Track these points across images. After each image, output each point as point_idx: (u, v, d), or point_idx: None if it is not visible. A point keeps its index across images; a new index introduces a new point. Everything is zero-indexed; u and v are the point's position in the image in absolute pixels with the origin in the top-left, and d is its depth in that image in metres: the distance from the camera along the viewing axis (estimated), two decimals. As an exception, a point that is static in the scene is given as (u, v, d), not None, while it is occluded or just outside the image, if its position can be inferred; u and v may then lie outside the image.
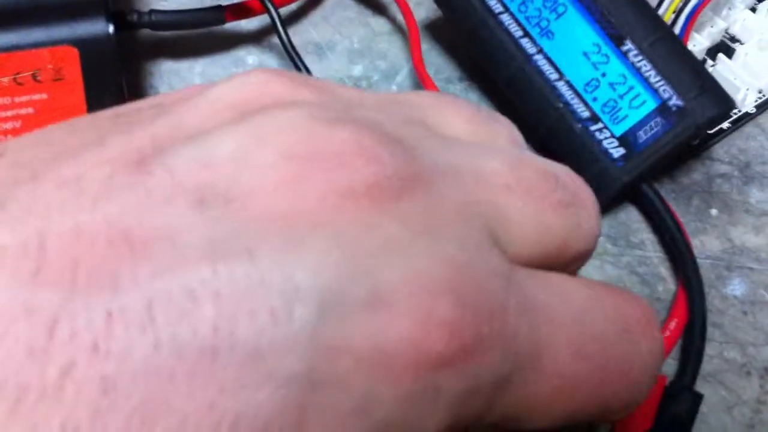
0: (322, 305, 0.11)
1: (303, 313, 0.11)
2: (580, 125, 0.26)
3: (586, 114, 0.26)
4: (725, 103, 0.26)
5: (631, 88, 0.25)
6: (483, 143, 0.16)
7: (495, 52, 0.27)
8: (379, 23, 0.32)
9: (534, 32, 0.27)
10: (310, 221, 0.12)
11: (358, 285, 0.11)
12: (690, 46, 0.30)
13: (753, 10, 0.31)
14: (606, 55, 0.26)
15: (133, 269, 0.10)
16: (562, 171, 0.16)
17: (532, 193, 0.15)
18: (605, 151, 0.25)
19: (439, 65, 0.31)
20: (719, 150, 0.29)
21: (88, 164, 0.11)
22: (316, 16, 0.32)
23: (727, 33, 0.31)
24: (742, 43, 0.31)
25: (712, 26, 0.31)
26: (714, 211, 0.28)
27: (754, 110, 0.30)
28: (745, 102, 0.30)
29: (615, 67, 0.26)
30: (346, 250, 0.11)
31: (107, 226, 0.11)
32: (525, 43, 0.27)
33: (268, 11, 0.28)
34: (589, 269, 0.26)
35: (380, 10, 0.32)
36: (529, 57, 0.27)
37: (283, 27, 0.28)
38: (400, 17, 0.31)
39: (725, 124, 0.29)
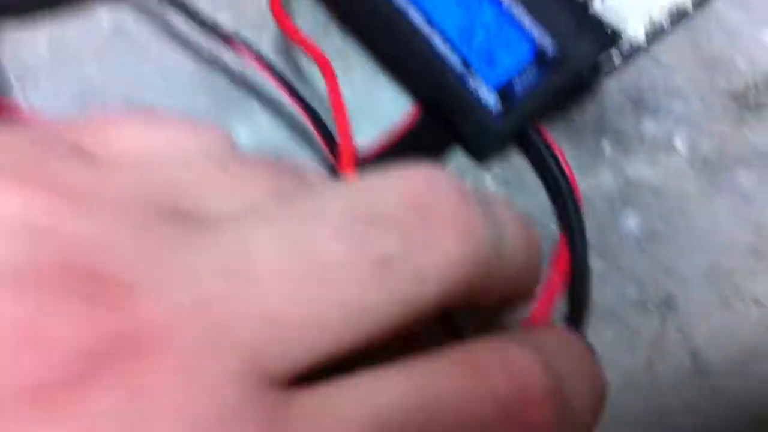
0: None
1: None
2: (454, 78, 0.25)
3: (460, 67, 0.25)
4: (605, 42, 0.25)
5: (506, 34, 0.24)
6: (247, 207, 0.12)
7: (359, 6, 0.26)
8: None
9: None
10: None
11: None
12: (577, -21, 0.29)
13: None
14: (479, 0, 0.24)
15: None
16: (381, 195, 0.11)
17: (327, 276, 0.10)
18: (482, 103, 0.24)
19: (316, 15, 0.29)
20: (612, 84, 0.29)
21: None
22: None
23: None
24: (630, -29, 0.30)
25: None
26: (608, 148, 0.27)
27: (645, 40, 0.29)
28: (636, 33, 0.29)
29: (488, 13, 0.24)
30: None
31: None
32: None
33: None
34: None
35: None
36: (399, 9, 0.25)
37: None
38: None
39: (616, 60, 0.29)
